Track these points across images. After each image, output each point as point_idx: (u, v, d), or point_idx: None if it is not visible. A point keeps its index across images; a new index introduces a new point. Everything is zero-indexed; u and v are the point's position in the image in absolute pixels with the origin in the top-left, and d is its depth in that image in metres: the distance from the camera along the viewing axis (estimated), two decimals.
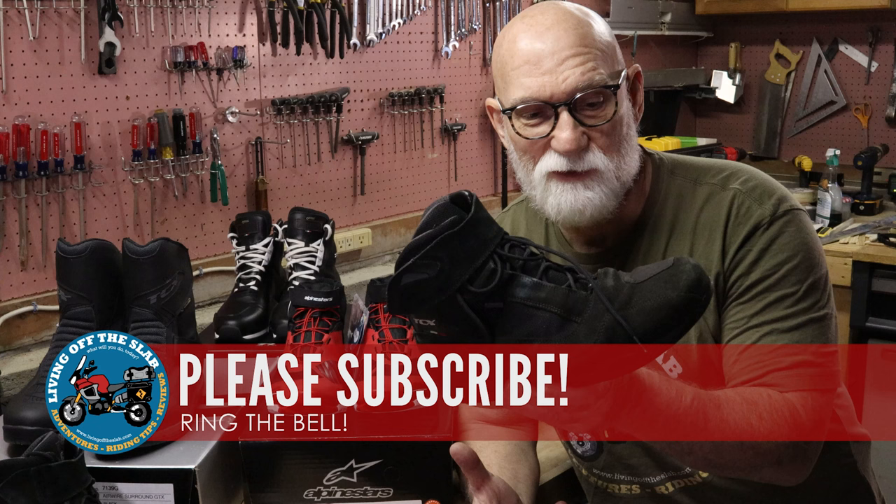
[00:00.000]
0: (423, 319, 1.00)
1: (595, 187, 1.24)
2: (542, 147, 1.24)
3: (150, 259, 1.39)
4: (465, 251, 0.97)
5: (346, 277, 2.57)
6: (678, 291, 0.96)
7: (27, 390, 1.36)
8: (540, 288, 0.99)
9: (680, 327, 0.97)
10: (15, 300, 2.03)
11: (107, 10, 2.06)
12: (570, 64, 1.20)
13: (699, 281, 0.97)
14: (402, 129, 2.89)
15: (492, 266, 0.98)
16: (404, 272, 0.98)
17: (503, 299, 0.99)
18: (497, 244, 0.99)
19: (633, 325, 0.96)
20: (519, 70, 1.23)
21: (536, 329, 0.98)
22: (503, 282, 0.98)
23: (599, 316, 0.97)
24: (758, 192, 1.28)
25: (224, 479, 1.33)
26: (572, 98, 1.20)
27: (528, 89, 1.22)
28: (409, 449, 1.28)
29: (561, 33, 1.22)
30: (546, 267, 1.01)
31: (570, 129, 1.21)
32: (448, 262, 0.97)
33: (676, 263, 0.99)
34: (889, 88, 3.74)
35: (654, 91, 3.77)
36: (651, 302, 0.96)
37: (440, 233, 0.97)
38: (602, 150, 1.23)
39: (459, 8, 2.98)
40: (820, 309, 1.25)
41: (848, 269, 2.98)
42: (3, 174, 1.96)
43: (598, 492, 1.47)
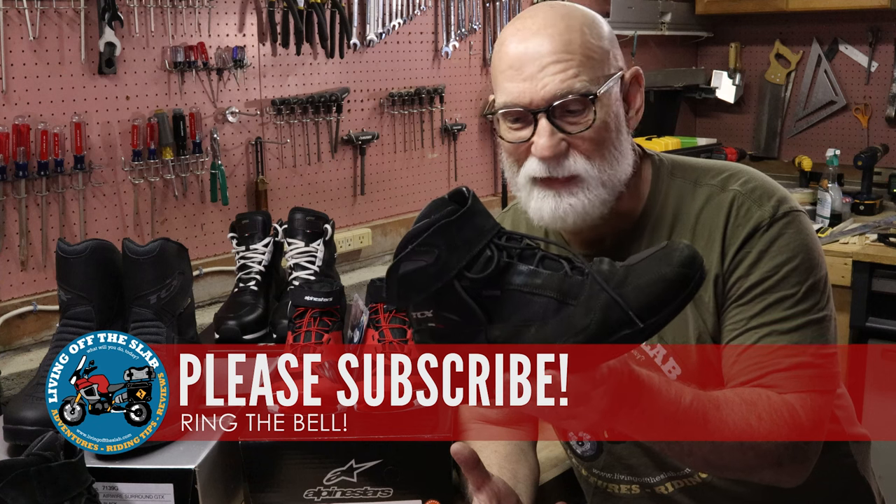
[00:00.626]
0: (420, 311, 1.00)
1: (578, 193, 1.24)
2: (525, 151, 1.25)
3: (150, 259, 1.39)
4: (461, 239, 0.98)
5: (346, 277, 2.58)
6: (672, 267, 0.97)
7: (27, 390, 1.36)
8: (536, 275, 0.99)
9: (675, 303, 0.97)
10: (15, 300, 2.03)
11: (107, 10, 2.06)
12: (550, 71, 1.20)
13: (693, 258, 0.98)
14: (402, 129, 2.89)
15: (489, 254, 0.99)
16: (402, 260, 0.98)
17: (500, 287, 0.99)
18: (494, 235, 1.00)
19: (627, 301, 0.96)
20: (504, 74, 1.24)
21: (533, 314, 0.98)
22: (500, 269, 0.99)
23: (595, 296, 0.97)
24: (757, 193, 1.28)
25: (224, 479, 1.33)
26: (550, 105, 1.20)
27: (510, 94, 1.22)
28: (409, 449, 1.28)
29: (545, 39, 1.21)
30: (542, 256, 1.01)
31: (546, 136, 1.21)
32: (445, 249, 0.97)
33: (670, 244, 1.00)
34: (889, 88, 3.74)
35: (654, 91, 3.77)
36: (645, 278, 0.97)
37: (437, 221, 0.98)
38: (584, 156, 1.23)
39: (459, 8, 2.98)
40: (820, 310, 1.25)
41: (848, 269, 2.98)
42: (3, 174, 1.96)
43: (598, 492, 1.47)
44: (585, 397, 1.01)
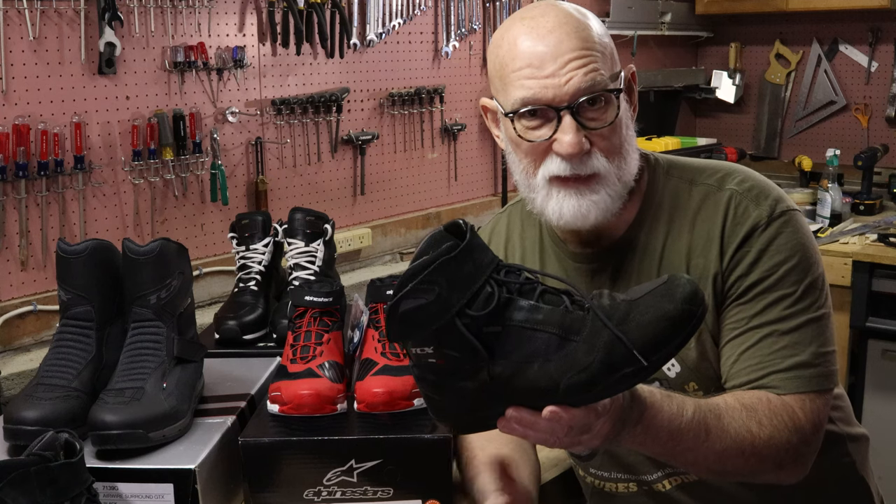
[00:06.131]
0: (420, 348, 1.00)
1: (600, 191, 1.24)
2: (544, 151, 1.24)
3: (150, 259, 1.39)
4: (462, 276, 0.97)
5: (346, 277, 2.58)
6: (675, 304, 0.97)
7: (27, 390, 1.36)
8: (537, 310, 0.99)
9: (678, 340, 0.97)
10: (15, 300, 2.03)
11: (107, 10, 2.06)
12: (572, 66, 1.20)
13: (695, 294, 0.98)
14: (402, 129, 2.89)
15: (489, 290, 0.98)
16: (402, 298, 0.98)
17: (501, 323, 0.99)
18: (493, 269, 1.00)
19: (631, 339, 0.96)
20: (521, 72, 1.22)
21: (536, 350, 0.98)
22: (501, 305, 0.98)
23: (598, 333, 0.97)
24: (754, 192, 1.29)
25: (224, 479, 1.33)
26: (575, 101, 1.20)
27: (530, 91, 1.21)
28: (409, 449, 1.28)
29: (563, 36, 1.21)
30: (542, 290, 1.01)
31: (572, 133, 1.20)
32: (446, 286, 0.97)
33: (671, 279, 1.00)
34: (889, 88, 3.74)
35: (654, 91, 3.78)
36: (648, 315, 0.97)
37: (437, 258, 0.97)
38: (604, 154, 1.23)
39: (459, 8, 2.98)
40: (818, 309, 1.25)
41: (848, 269, 2.97)
42: (3, 174, 1.96)
43: (596, 491, 1.47)
44: (587, 428, 1.02)
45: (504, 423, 1.02)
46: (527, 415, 0.99)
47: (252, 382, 1.57)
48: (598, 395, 0.99)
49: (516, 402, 1.00)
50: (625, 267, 1.32)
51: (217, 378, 1.55)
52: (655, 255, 1.31)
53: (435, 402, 1.04)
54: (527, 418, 0.99)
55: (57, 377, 1.35)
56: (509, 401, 1.00)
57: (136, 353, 1.37)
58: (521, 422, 1.00)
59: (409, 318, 0.98)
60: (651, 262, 1.30)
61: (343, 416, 1.37)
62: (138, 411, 1.28)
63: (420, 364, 1.01)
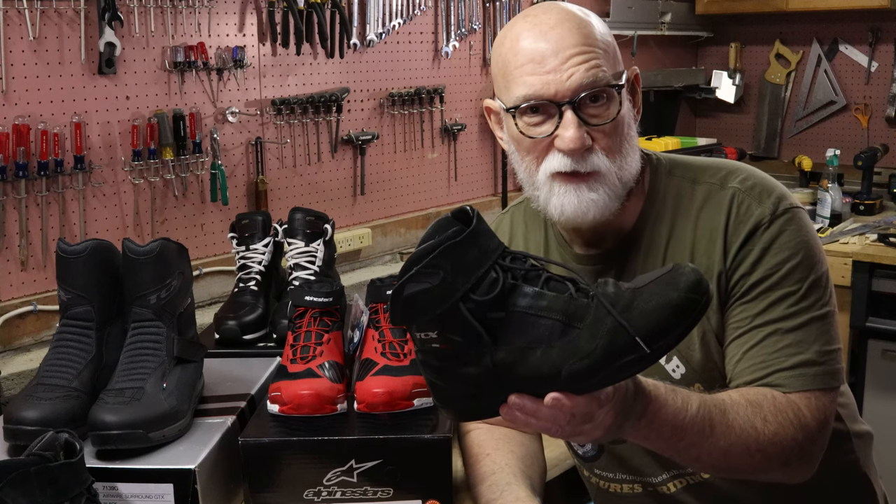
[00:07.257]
0: (424, 332, 1.00)
1: (598, 189, 1.24)
2: (546, 147, 1.24)
3: (150, 259, 1.39)
4: (467, 261, 0.97)
5: (346, 277, 2.57)
6: (678, 292, 0.96)
7: (27, 390, 1.36)
8: (542, 297, 0.99)
9: (681, 328, 0.97)
10: (15, 300, 2.03)
11: (107, 10, 2.06)
12: (574, 62, 1.20)
13: (699, 282, 0.98)
14: (402, 129, 2.89)
15: (494, 275, 0.98)
16: (407, 282, 0.97)
17: (505, 309, 0.98)
18: (498, 255, 0.99)
19: (634, 326, 0.96)
20: (522, 69, 1.22)
21: (539, 337, 0.98)
22: (505, 291, 0.98)
23: (601, 320, 0.97)
24: (757, 190, 1.28)
25: (224, 479, 1.33)
26: (577, 96, 1.20)
27: (532, 87, 1.21)
28: (409, 449, 1.28)
29: (565, 32, 1.21)
30: (547, 277, 1.01)
31: (574, 128, 1.20)
32: (450, 271, 0.96)
33: (675, 268, 1.00)
34: (889, 88, 3.74)
35: (654, 91, 3.77)
36: (652, 303, 0.96)
37: (442, 242, 0.97)
38: (605, 152, 1.23)
39: (459, 8, 2.98)
40: (822, 307, 1.25)
41: (848, 269, 2.98)
42: (3, 174, 1.95)
43: (601, 492, 1.47)
44: (590, 417, 1.01)
45: (506, 410, 1.01)
46: (529, 402, 0.99)
47: (252, 382, 1.57)
48: (601, 382, 0.99)
49: (519, 388, 0.99)
50: (629, 267, 1.33)
51: (217, 378, 1.55)
52: (659, 254, 1.31)
53: (438, 388, 1.04)
54: (529, 405, 0.99)
55: (57, 377, 1.35)
56: (512, 388, 1.00)
57: (136, 353, 1.37)
58: (523, 409, 0.99)
59: (414, 302, 0.97)
60: (655, 261, 1.31)
61: (343, 416, 1.37)
62: (138, 411, 1.28)
63: (423, 349, 1.01)
